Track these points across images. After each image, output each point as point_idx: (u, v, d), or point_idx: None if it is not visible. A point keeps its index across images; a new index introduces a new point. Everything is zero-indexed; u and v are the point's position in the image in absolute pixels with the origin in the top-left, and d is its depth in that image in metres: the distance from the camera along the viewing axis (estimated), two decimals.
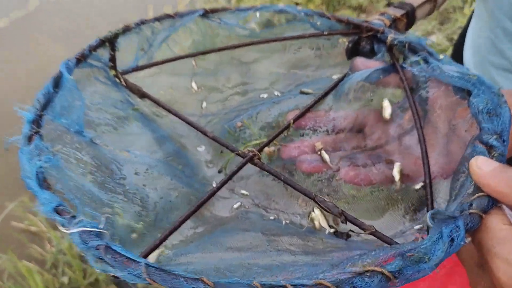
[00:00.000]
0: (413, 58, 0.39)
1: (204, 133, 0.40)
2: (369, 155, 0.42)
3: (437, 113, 0.38)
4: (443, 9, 2.73)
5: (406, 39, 0.42)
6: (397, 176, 0.39)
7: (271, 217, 0.40)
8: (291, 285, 0.22)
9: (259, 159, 0.36)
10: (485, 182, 0.26)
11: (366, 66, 0.44)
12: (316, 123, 0.44)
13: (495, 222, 0.25)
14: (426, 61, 0.39)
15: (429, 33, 2.68)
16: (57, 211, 0.25)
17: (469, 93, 0.34)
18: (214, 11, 0.47)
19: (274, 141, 0.42)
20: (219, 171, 0.43)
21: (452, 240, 0.24)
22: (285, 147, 0.43)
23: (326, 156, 0.42)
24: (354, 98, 0.44)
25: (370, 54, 0.46)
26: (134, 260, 0.23)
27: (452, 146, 0.36)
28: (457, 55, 0.83)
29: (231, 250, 0.29)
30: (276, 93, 0.48)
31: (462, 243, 0.24)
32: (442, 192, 0.35)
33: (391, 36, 0.43)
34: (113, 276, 0.25)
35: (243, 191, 0.42)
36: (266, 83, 0.49)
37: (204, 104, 0.48)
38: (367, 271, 0.23)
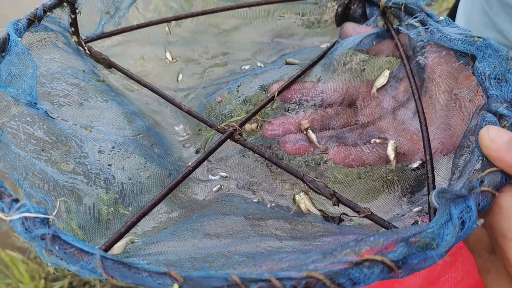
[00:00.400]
0: (410, 20, 0.36)
1: (179, 107, 0.36)
2: (360, 134, 0.38)
3: (436, 82, 0.35)
4: None
5: (401, 0, 0.38)
6: (391, 155, 0.36)
7: (255, 200, 0.36)
8: (277, 279, 0.18)
9: (240, 134, 0.32)
10: (499, 155, 0.23)
11: (357, 32, 0.40)
12: (303, 96, 0.40)
13: (510, 201, 0.22)
14: (424, 24, 0.35)
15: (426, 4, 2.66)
16: None
17: (473, 58, 0.31)
18: None
19: (257, 116, 0.38)
20: (197, 151, 0.39)
21: (463, 222, 0.20)
22: (268, 124, 0.39)
23: (312, 136, 0.38)
24: (344, 68, 0.40)
25: (362, 19, 0.42)
26: (87, 252, 0.19)
27: (454, 119, 0.33)
28: None
29: (209, 237, 0.25)
30: (259, 64, 0.44)
31: (474, 225, 0.21)
32: (442, 170, 0.32)
33: None
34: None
35: (223, 173, 0.38)
36: (248, 54, 0.44)
37: (180, 77, 0.44)
38: (365, 260, 0.19)
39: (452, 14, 0.79)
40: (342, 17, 0.42)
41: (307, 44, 0.43)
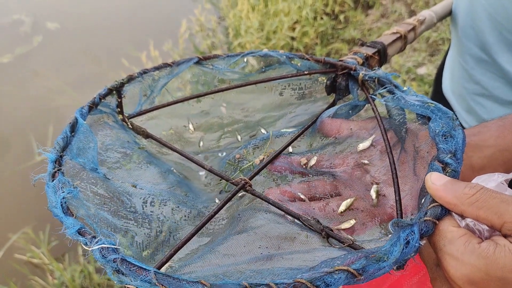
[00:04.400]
0: (380, 90, 0.45)
1: (202, 166, 0.46)
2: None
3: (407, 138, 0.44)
4: (433, 41, 2.85)
5: (375, 75, 0.47)
6: (374, 195, 0.44)
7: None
8: (274, 284, 0.27)
9: (250, 186, 0.41)
10: (438, 194, 0.31)
11: (336, 128, 0.49)
12: (291, 168, 0.48)
13: (445, 226, 0.30)
14: (392, 93, 0.44)
15: (420, 64, 2.78)
16: (79, 232, 0.30)
17: (429, 119, 0.39)
18: (207, 58, 0.54)
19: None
20: (220, 192, 0.48)
21: (408, 242, 0.29)
22: (269, 191, 0.46)
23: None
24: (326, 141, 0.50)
25: (346, 89, 0.52)
26: (145, 269, 0.27)
27: (417, 167, 0.41)
28: (438, 83, 0.89)
29: (227, 256, 0.34)
30: (262, 130, 0.54)
31: (417, 244, 0.29)
32: (411, 207, 0.40)
33: (362, 72, 0.49)
34: None
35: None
36: (254, 122, 0.55)
37: (201, 143, 0.54)
38: (336, 270, 0.27)
39: (443, 63, 0.89)
40: (331, 88, 0.53)
41: (301, 111, 0.54)
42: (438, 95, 0.89)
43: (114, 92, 0.48)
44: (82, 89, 2.80)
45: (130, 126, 0.50)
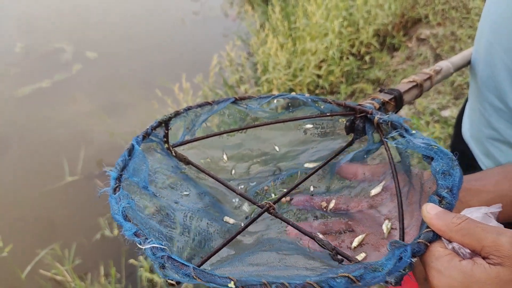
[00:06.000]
0: (393, 134, 0.52)
1: (234, 190, 0.53)
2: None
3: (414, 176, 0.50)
4: (457, 85, 2.90)
5: (388, 119, 0.54)
6: (385, 229, 0.50)
7: (288, 240, 0.51)
8: (288, 283, 0.33)
9: (273, 209, 0.48)
10: (431, 222, 0.38)
11: (353, 172, 0.56)
12: (310, 206, 0.56)
13: (434, 247, 0.36)
14: (402, 136, 0.51)
15: (444, 106, 2.82)
16: (135, 234, 0.38)
17: (432, 159, 0.46)
18: (242, 98, 0.62)
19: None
20: (246, 217, 0.55)
21: (401, 258, 0.35)
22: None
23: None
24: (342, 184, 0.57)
25: (363, 130, 0.59)
26: (186, 265, 0.35)
27: (422, 201, 0.47)
28: (458, 126, 0.94)
29: (252, 265, 0.40)
30: (287, 163, 0.61)
31: (408, 260, 0.35)
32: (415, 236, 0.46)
33: (377, 116, 0.56)
34: (170, 284, 0.37)
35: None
36: (281, 155, 0.62)
37: (233, 171, 0.62)
38: (339, 276, 0.34)
39: (462, 112, 0.95)
40: (349, 129, 0.60)
41: (322, 147, 0.61)
42: (458, 138, 0.93)
43: (163, 124, 0.57)
44: (115, 116, 2.96)
45: (174, 154, 0.58)
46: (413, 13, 3.24)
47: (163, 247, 0.36)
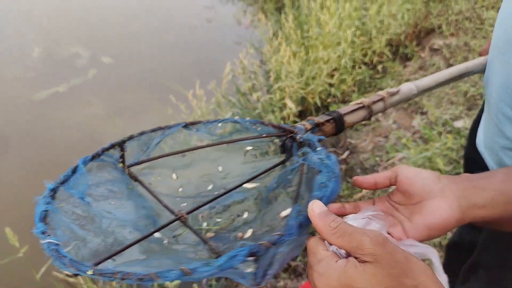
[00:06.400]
0: (301, 150, 0.58)
1: (160, 202, 0.60)
2: None
3: None
4: (470, 96, 2.86)
5: (306, 138, 0.60)
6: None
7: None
8: (156, 275, 0.40)
9: (185, 219, 0.55)
10: (313, 220, 0.43)
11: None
12: None
13: (317, 250, 0.41)
14: (308, 153, 0.57)
15: (457, 117, 2.79)
16: (42, 232, 0.46)
17: (320, 172, 0.52)
18: (192, 123, 0.69)
19: None
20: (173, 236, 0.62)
21: (236, 256, 0.41)
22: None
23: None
24: None
25: (291, 149, 0.64)
26: (65, 256, 0.43)
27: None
28: (473, 137, 0.96)
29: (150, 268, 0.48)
30: (229, 180, 0.68)
31: (242, 258, 0.40)
32: None
33: (298, 136, 0.62)
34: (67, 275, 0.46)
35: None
36: (224, 175, 0.69)
37: (180, 189, 0.69)
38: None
39: (476, 122, 0.97)
40: (282, 148, 0.66)
41: (261, 166, 0.67)
42: (472, 147, 0.95)
43: (117, 146, 0.65)
44: (128, 120, 3.08)
45: (127, 172, 0.65)
46: (426, 23, 3.22)
47: (57, 242, 0.45)
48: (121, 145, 0.65)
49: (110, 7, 4.94)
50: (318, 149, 0.56)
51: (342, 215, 0.53)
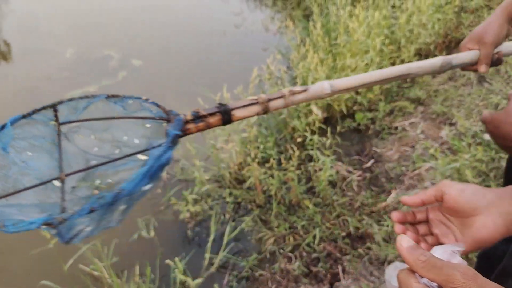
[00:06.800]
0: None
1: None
2: None
3: None
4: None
5: (168, 130, 0.73)
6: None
7: None
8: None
9: (62, 180, 0.69)
10: (402, 254, 0.45)
11: None
12: None
13: (410, 283, 0.44)
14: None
15: None
16: None
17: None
18: (114, 96, 0.85)
19: None
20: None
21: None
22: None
23: None
24: None
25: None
26: None
27: None
28: None
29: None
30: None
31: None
32: None
33: (163, 124, 0.75)
34: None
35: None
36: (127, 144, 0.83)
37: (96, 149, 0.83)
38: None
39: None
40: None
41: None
42: None
43: (49, 108, 0.81)
44: None
45: (58, 128, 0.82)
46: (457, 33, 3.13)
47: None
48: (53, 107, 0.81)
49: (143, 11, 5.12)
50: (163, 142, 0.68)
51: (404, 222, 0.61)
